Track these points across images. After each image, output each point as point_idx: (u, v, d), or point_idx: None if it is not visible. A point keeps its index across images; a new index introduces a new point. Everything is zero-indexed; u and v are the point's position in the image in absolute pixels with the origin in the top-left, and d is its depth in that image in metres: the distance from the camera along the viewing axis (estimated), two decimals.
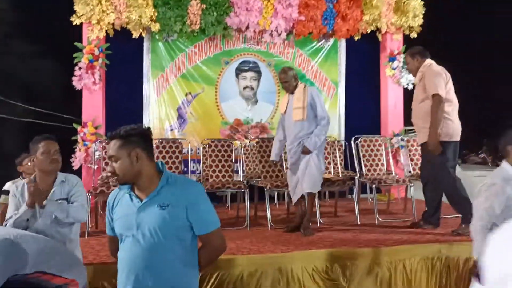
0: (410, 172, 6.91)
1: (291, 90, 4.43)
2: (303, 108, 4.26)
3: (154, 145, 5.04)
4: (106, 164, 4.98)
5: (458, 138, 4.21)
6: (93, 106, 6.51)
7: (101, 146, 5.55)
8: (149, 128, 2.17)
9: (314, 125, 4.30)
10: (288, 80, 4.39)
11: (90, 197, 4.43)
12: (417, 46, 4.48)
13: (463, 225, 4.04)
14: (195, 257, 2.06)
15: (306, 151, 4.26)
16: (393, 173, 5.81)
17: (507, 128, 2.76)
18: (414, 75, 4.40)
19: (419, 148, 5.46)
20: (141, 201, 2.02)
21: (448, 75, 4.23)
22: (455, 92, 4.29)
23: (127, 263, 2.00)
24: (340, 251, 3.59)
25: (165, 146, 4.99)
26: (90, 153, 6.20)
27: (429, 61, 4.30)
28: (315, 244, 3.83)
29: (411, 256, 3.64)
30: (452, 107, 4.17)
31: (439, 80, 4.10)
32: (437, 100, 4.03)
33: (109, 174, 4.90)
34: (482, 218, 2.59)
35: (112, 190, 4.48)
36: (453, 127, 4.14)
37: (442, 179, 4.18)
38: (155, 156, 4.97)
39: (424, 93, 4.16)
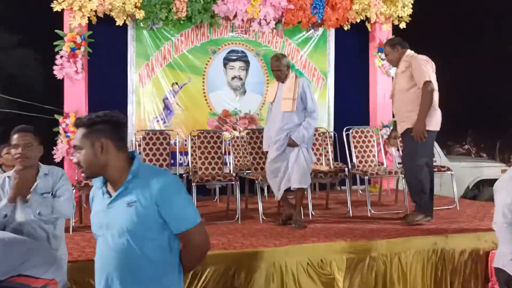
0: (399, 163, 6.89)
1: (282, 79, 4.29)
2: (293, 99, 4.13)
3: (141, 136, 4.88)
4: None
5: (438, 128, 4.21)
6: (76, 96, 6.29)
7: None
8: (121, 116, 1.90)
9: (302, 117, 4.20)
10: (282, 68, 4.23)
11: (74, 190, 4.24)
12: (395, 37, 4.42)
13: (416, 213, 4.12)
14: (175, 259, 1.83)
15: (292, 144, 4.16)
16: (385, 164, 5.75)
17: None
18: (395, 65, 4.33)
19: None
20: (111, 197, 1.81)
21: (433, 64, 4.20)
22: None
23: (99, 265, 1.82)
24: (334, 244, 3.50)
25: (152, 137, 4.83)
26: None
27: (410, 51, 4.26)
28: (309, 237, 3.73)
29: (406, 248, 3.57)
30: (436, 97, 4.15)
31: (428, 68, 4.06)
32: (430, 87, 3.98)
33: None
34: (505, 215, 2.40)
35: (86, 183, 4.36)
36: (439, 116, 4.13)
37: (417, 169, 4.13)
38: (141, 148, 4.87)
39: (410, 82, 4.10)
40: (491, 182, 7.64)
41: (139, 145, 4.96)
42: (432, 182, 4.20)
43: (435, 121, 4.10)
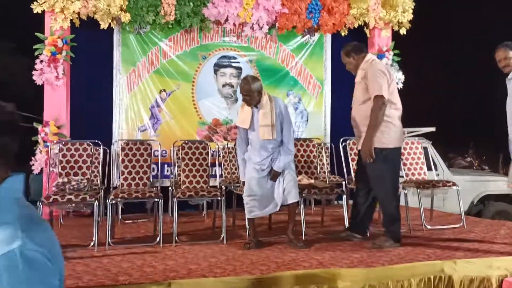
0: (401, 177, 6.50)
1: (253, 105, 3.86)
2: (272, 126, 3.78)
3: (120, 147, 4.49)
4: (63, 168, 4.41)
5: (401, 144, 3.89)
6: (56, 103, 5.92)
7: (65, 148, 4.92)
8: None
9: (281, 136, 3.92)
10: (251, 94, 3.77)
11: (41, 207, 3.85)
12: (351, 43, 4.11)
13: (383, 237, 3.81)
14: None
15: (276, 176, 3.88)
16: None
17: None
18: (353, 73, 3.99)
19: (412, 152, 5.06)
20: None
21: (392, 74, 3.88)
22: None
23: None
24: (329, 272, 3.09)
25: (132, 148, 4.43)
26: (53, 155, 5.58)
27: (370, 56, 3.92)
28: (300, 262, 3.33)
29: (410, 276, 3.17)
30: (395, 110, 3.79)
31: (383, 80, 3.70)
32: (380, 102, 3.63)
33: (65, 180, 4.37)
34: None
35: (69, 198, 3.99)
36: (395, 131, 3.77)
37: (386, 192, 3.83)
38: (120, 159, 4.50)
39: (366, 94, 3.76)
40: (496, 197, 7.29)
41: (118, 156, 4.58)
42: (395, 206, 3.89)
43: (394, 138, 3.76)
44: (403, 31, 6.81)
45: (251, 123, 3.87)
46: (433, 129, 8.14)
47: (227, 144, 5.61)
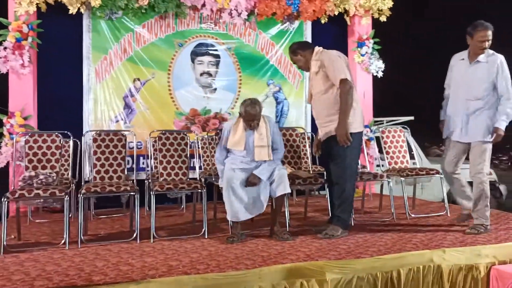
0: (379, 165, 6.45)
1: (254, 128, 3.81)
2: (268, 146, 3.80)
3: (91, 138, 4.23)
4: (30, 161, 4.12)
5: (363, 128, 3.88)
6: (22, 93, 5.58)
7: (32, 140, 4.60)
8: None
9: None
10: (258, 118, 3.79)
11: (7, 203, 3.58)
12: (294, 43, 4.13)
13: (335, 226, 3.75)
14: None
15: (254, 180, 3.75)
16: (367, 167, 5.28)
17: None
18: (307, 70, 3.98)
19: (395, 140, 4.98)
20: None
21: (346, 58, 3.92)
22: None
23: None
24: (316, 264, 2.96)
25: (105, 139, 4.18)
26: (19, 148, 5.26)
27: (318, 48, 3.89)
28: (287, 255, 3.18)
29: (399, 266, 3.07)
30: (356, 94, 3.83)
31: (342, 64, 3.73)
32: (348, 85, 3.63)
33: (32, 173, 4.09)
34: None
35: (36, 193, 3.72)
36: (359, 115, 3.79)
37: (349, 177, 3.80)
38: (92, 150, 4.24)
39: (327, 82, 3.73)
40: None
41: (90, 148, 4.32)
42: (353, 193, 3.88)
43: (359, 122, 3.76)
44: (383, 19, 6.71)
45: (246, 146, 3.80)
46: (411, 118, 8.14)
47: (207, 134, 5.40)
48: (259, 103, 3.80)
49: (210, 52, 6.40)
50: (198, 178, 5.10)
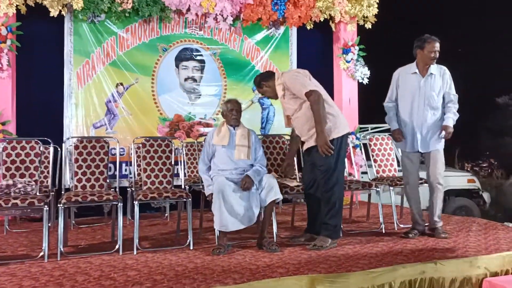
0: (365, 173, 6.42)
1: (235, 124, 3.90)
2: (249, 147, 3.83)
3: (72, 145, 4.08)
4: (8, 169, 3.95)
5: (346, 131, 3.80)
6: (0, 97, 5.40)
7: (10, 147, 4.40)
8: None
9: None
10: (239, 113, 3.92)
11: None
12: (256, 76, 4.14)
13: (323, 237, 3.68)
14: None
15: (248, 182, 3.69)
16: (355, 175, 5.23)
17: None
18: (276, 98, 3.97)
19: (382, 148, 4.95)
20: None
21: (306, 71, 3.87)
22: None
23: None
24: (306, 278, 2.86)
25: (86, 146, 4.03)
26: None
27: (278, 72, 3.96)
28: (275, 268, 3.08)
29: (391, 279, 3.00)
30: (330, 98, 3.86)
31: (302, 78, 3.74)
32: (315, 96, 3.61)
33: (10, 182, 3.91)
34: None
35: (14, 203, 3.55)
36: (342, 118, 3.81)
37: (337, 179, 3.74)
38: (73, 157, 4.09)
39: (297, 101, 3.74)
40: (456, 192, 7.37)
41: (71, 155, 4.16)
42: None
43: (342, 125, 3.76)
44: (368, 26, 6.72)
45: (229, 141, 3.81)
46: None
47: (196, 141, 5.28)
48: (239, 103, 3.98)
49: (195, 57, 6.30)
50: (182, 186, 4.99)
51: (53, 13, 5.42)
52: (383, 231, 4.26)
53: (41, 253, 3.50)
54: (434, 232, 4.01)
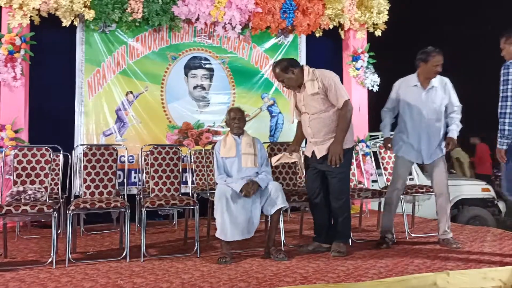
0: (375, 181, 6.34)
1: (238, 132, 3.89)
2: (255, 155, 3.84)
3: (82, 152, 4.11)
4: (19, 176, 3.98)
5: (354, 142, 3.95)
6: (13, 105, 5.49)
7: (21, 154, 4.44)
8: None
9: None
10: (243, 121, 3.92)
11: None
12: (282, 59, 4.00)
13: (342, 244, 3.73)
14: None
15: (254, 186, 3.68)
16: (365, 184, 5.17)
17: None
18: (296, 89, 3.83)
19: (393, 156, 4.88)
20: None
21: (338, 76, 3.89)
22: None
23: None
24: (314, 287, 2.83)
25: (95, 153, 4.06)
26: (9, 161, 5.13)
27: (307, 67, 3.81)
28: (282, 277, 3.05)
29: None
30: None
31: (340, 84, 3.75)
32: (350, 106, 3.68)
33: (20, 188, 3.95)
34: None
35: (24, 209, 3.58)
36: (352, 131, 3.86)
37: (348, 189, 3.88)
38: (82, 165, 4.12)
39: (326, 102, 3.68)
40: (470, 201, 7.23)
41: (81, 162, 4.20)
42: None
43: (352, 138, 3.84)
44: (378, 33, 6.69)
45: (236, 151, 3.82)
46: None
47: (204, 149, 5.28)
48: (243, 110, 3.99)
49: (204, 65, 6.33)
50: (190, 193, 4.99)
51: (66, 23, 5.50)
52: (394, 240, 4.18)
53: (50, 259, 3.51)
54: (446, 243, 3.94)
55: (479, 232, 4.56)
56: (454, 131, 3.96)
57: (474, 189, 7.24)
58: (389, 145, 4.15)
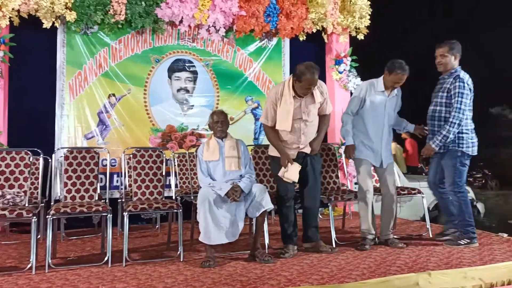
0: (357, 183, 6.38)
1: (222, 136, 3.88)
2: (239, 158, 3.82)
3: (63, 155, 4.04)
4: None
5: None
6: None
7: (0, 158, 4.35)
8: None
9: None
10: (226, 124, 3.91)
11: None
12: (316, 69, 3.86)
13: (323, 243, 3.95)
14: None
15: (237, 191, 3.65)
16: (348, 186, 5.20)
17: None
18: (303, 96, 3.82)
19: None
20: None
21: None
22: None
23: None
24: None
25: (77, 157, 4.00)
26: None
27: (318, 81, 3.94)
28: (266, 280, 3.04)
29: None
30: None
31: None
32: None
33: None
34: None
35: (2, 214, 3.50)
36: None
37: (319, 187, 4.15)
38: (63, 169, 4.05)
39: (317, 111, 3.93)
40: None
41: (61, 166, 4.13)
42: None
43: None
44: (360, 37, 6.75)
45: (219, 155, 3.79)
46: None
47: (188, 152, 5.25)
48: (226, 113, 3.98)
49: (188, 68, 6.30)
50: (174, 197, 4.95)
51: (46, 24, 5.41)
52: (376, 242, 4.22)
53: (29, 265, 3.44)
54: (389, 243, 4.07)
55: None
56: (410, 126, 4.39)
57: None
58: (353, 153, 4.15)
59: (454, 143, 3.97)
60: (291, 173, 3.76)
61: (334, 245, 4.02)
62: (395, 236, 4.41)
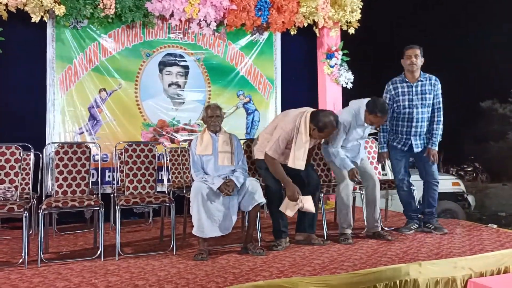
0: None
1: (216, 130, 3.86)
2: (232, 153, 3.81)
3: (54, 150, 4.02)
4: None
5: None
6: None
7: None
8: None
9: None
10: (220, 119, 3.88)
11: None
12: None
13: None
14: None
15: (230, 185, 3.64)
16: None
17: None
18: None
19: (366, 151, 4.98)
20: None
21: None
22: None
23: None
24: (291, 281, 2.85)
25: (68, 151, 3.98)
26: None
27: None
28: (259, 272, 3.06)
29: (376, 281, 3.00)
30: None
31: None
32: None
33: None
34: None
35: None
36: None
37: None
38: (54, 164, 4.03)
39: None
40: (442, 195, 7.40)
41: (52, 161, 4.10)
42: None
43: None
44: (351, 31, 6.77)
45: (212, 149, 3.78)
46: (376, 130, 8.20)
47: (179, 146, 5.24)
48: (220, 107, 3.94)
49: (179, 62, 6.27)
50: (166, 191, 4.95)
51: (35, 18, 5.35)
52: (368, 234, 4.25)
53: (21, 260, 3.43)
54: (379, 236, 4.09)
55: (449, 225, 4.69)
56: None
57: (444, 183, 7.41)
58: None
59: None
60: (308, 203, 3.72)
61: (326, 238, 4.05)
62: (386, 228, 4.46)
